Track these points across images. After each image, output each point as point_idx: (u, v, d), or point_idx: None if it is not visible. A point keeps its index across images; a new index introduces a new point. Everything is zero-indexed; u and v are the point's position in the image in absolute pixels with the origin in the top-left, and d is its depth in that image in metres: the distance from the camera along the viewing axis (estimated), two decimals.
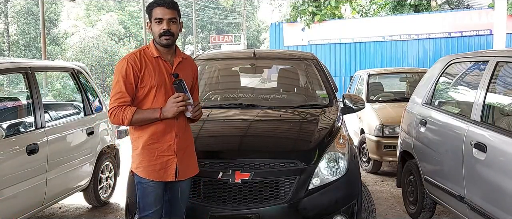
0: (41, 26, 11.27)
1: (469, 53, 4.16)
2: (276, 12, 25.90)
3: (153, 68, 2.39)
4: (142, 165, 2.41)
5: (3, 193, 3.16)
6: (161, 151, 2.40)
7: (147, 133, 2.39)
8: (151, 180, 2.40)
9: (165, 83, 2.40)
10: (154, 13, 2.38)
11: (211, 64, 4.58)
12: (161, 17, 2.36)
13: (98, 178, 4.55)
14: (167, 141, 2.41)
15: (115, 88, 2.37)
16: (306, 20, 14.34)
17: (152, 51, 2.43)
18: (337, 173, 2.92)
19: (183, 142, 2.47)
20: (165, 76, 2.41)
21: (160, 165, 2.41)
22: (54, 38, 28.83)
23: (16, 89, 12.71)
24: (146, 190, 2.43)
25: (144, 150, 2.40)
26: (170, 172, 2.42)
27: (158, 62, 2.42)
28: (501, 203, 2.66)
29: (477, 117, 3.05)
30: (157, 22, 2.37)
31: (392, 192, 5.08)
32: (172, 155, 2.42)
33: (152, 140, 2.39)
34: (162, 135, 2.40)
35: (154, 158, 2.40)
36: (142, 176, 2.42)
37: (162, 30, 2.36)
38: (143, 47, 2.49)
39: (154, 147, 2.40)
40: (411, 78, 7.38)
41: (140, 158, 2.41)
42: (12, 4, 29.09)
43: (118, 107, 2.35)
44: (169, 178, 2.43)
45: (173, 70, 2.44)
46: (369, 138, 5.85)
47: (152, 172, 2.40)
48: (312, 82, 4.23)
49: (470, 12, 14.05)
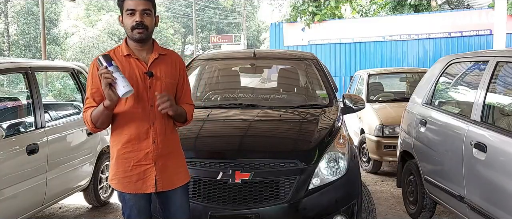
0: (41, 26, 11.27)
1: (469, 53, 4.16)
2: (276, 12, 25.94)
3: (122, 67, 2.11)
4: (117, 176, 2.18)
5: (3, 193, 3.16)
6: (137, 160, 2.16)
7: (121, 140, 2.16)
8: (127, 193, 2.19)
9: (137, 84, 2.13)
10: (125, 4, 2.12)
11: (211, 64, 4.58)
12: (134, 8, 2.10)
13: (98, 178, 4.55)
14: (143, 149, 2.16)
15: (86, 94, 2.19)
16: (307, 20, 14.34)
17: (122, 50, 2.19)
18: (337, 173, 2.92)
19: (163, 148, 2.20)
20: (137, 77, 2.15)
21: (137, 176, 2.17)
22: (54, 38, 28.84)
23: (16, 89, 12.71)
24: (127, 203, 2.21)
25: (118, 160, 2.17)
26: (149, 183, 2.18)
27: (129, 61, 2.17)
28: (501, 203, 2.66)
29: (477, 117, 3.05)
30: (129, 14, 2.11)
31: (392, 192, 5.08)
32: (150, 164, 2.17)
33: (126, 148, 2.15)
34: (138, 142, 2.15)
35: (129, 169, 2.16)
36: (116, 188, 2.20)
37: (134, 22, 2.10)
38: (115, 47, 2.25)
39: (129, 156, 2.16)
40: (411, 78, 7.38)
41: (115, 169, 2.18)
42: (12, 4, 29.09)
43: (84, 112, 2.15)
44: (149, 190, 2.19)
45: (147, 68, 2.17)
46: (369, 138, 5.85)
47: (128, 184, 2.17)
48: (312, 82, 4.23)
49: (470, 12, 14.05)
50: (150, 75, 2.16)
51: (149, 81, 2.16)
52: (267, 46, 36.23)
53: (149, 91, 2.17)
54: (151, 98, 2.16)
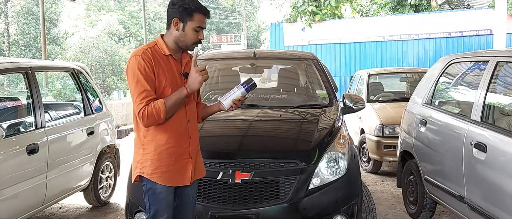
0: (41, 26, 11.26)
1: (469, 53, 4.16)
2: (276, 12, 25.95)
3: (165, 66, 2.23)
4: (160, 170, 2.25)
5: (3, 193, 3.16)
6: (179, 154, 2.28)
7: (163, 135, 2.24)
8: (166, 185, 2.27)
9: (176, 82, 2.25)
10: (196, 19, 2.23)
11: (211, 64, 4.58)
12: (203, 27, 2.25)
13: (98, 178, 4.55)
14: (183, 144, 2.30)
15: (136, 89, 2.15)
16: (307, 20, 14.34)
17: (162, 49, 2.26)
18: (337, 173, 2.92)
19: (195, 144, 2.38)
20: (176, 75, 2.28)
21: (177, 170, 2.29)
22: (54, 38, 28.83)
23: (16, 89, 12.71)
24: (158, 196, 2.28)
25: (161, 155, 2.25)
26: (186, 176, 2.32)
27: (169, 61, 2.27)
28: (501, 203, 2.66)
29: (477, 117, 3.05)
30: (196, 30, 2.24)
31: (392, 192, 5.08)
32: (188, 158, 2.32)
33: (169, 143, 2.25)
34: (179, 138, 2.28)
35: (172, 163, 2.27)
36: (158, 182, 2.26)
37: (198, 39, 2.26)
38: (151, 44, 2.30)
39: (172, 151, 2.26)
40: (411, 78, 7.38)
41: (157, 163, 2.25)
42: (12, 4, 29.09)
43: (147, 106, 2.14)
44: (186, 182, 2.33)
45: (182, 69, 2.32)
46: (369, 138, 5.85)
47: (171, 177, 2.28)
48: (312, 82, 4.23)
49: (470, 12, 14.06)
50: (185, 75, 2.28)
51: (185, 81, 2.28)
52: (267, 46, 36.23)
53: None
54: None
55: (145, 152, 2.27)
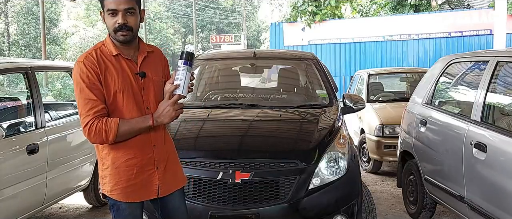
0: (41, 26, 11.27)
1: (469, 53, 4.16)
2: (276, 12, 25.95)
3: (114, 69, 1.96)
4: (119, 186, 2.00)
5: (3, 193, 3.16)
6: (140, 166, 2.01)
7: (121, 147, 1.98)
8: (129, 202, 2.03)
9: (131, 85, 1.98)
10: (106, 3, 1.93)
11: (211, 64, 4.58)
12: (115, 8, 1.91)
13: (98, 178, 4.55)
14: (146, 153, 2.02)
15: (81, 99, 1.90)
16: (307, 20, 14.35)
17: (109, 49, 1.99)
18: (337, 173, 2.92)
19: (163, 152, 2.09)
20: (130, 77, 1.99)
21: (140, 183, 2.02)
22: (54, 38, 28.82)
23: (16, 89, 12.71)
24: (123, 213, 2.04)
25: (119, 169, 1.99)
26: (151, 189, 2.06)
27: (119, 61, 1.99)
28: (501, 203, 2.66)
29: (477, 117, 3.05)
30: (110, 14, 1.92)
31: (392, 192, 5.08)
32: (153, 168, 2.05)
33: (128, 155, 1.99)
34: (141, 147, 2.01)
35: (133, 177, 2.00)
36: (119, 199, 2.02)
37: (117, 24, 1.92)
38: (98, 45, 2.03)
39: (131, 162, 2.00)
40: (411, 78, 7.38)
41: (116, 179, 2.00)
42: (12, 4, 29.08)
43: (96, 120, 1.88)
44: (152, 196, 2.07)
45: (138, 69, 2.02)
46: (369, 138, 5.85)
47: (132, 193, 2.02)
48: (312, 82, 4.23)
49: (470, 12, 14.06)
50: (142, 75, 2.01)
51: (142, 82, 2.02)
52: (267, 46, 36.24)
53: (143, 93, 2.02)
54: (146, 100, 2.03)
55: (104, 167, 2.04)
